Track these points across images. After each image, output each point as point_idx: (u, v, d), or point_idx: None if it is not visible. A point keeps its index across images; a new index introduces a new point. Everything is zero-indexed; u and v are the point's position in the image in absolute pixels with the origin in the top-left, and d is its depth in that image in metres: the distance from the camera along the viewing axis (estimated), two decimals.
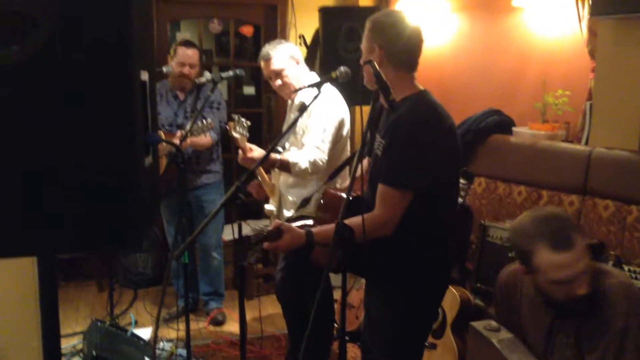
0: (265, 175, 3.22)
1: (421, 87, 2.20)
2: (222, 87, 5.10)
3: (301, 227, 2.15)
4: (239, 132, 2.81)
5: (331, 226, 1.93)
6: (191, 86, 3.92)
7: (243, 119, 2.85)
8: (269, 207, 3.20)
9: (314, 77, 3.19)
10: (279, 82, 3.07)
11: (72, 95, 1.19)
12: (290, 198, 3.12)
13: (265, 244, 2.09)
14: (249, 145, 2.86)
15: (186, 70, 3.89)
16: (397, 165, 2.06)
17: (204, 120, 3.58)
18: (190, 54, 3.91)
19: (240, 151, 2.86)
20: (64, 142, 1.20)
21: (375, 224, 2.04)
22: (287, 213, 3.10)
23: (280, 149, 2.99)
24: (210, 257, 4.19)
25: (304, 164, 2.85)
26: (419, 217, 2.09)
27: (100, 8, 1.18)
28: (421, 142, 2.04)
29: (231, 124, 2.84)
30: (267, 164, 2.89)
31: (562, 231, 1.83)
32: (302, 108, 2.38)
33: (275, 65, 3.05)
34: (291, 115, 3.18)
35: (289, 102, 3.24)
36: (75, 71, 1.19)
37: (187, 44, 3.97)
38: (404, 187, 2.04)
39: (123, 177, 1.23)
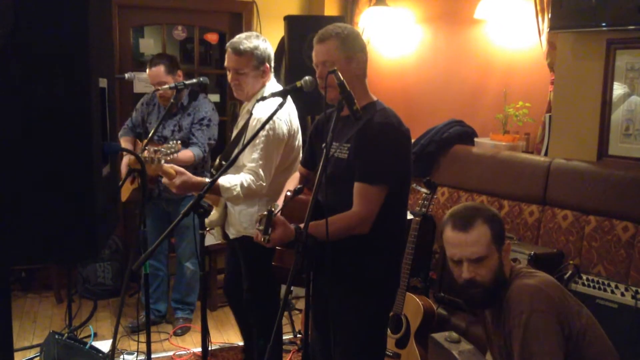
0: None
1: (374, 97, 2.35)
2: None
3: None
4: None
5: (319, 222, 1.99)
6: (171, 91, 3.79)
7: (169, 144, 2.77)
8: (212, 218, 3.06)
9: (276, 87, 3.10)
10: (235, 81, 2.92)
11: (26, 103, 1.15)
12: (235, 215, 2.95)
13: (255, 233, 2.12)
14: (175, 168, 2.69)
15: (160, 92, 3.77)
16: (373, 164, 2.18)
17: (175, 142, 3.50)
18: (152, 73, 3.80)
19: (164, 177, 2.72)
20: (16, 150, 1.16)
21: (354, 221, 2.16)
22: (232, 228, 2.98)
23: (223, 163, 2.89)
24: (183, 267, 4.14)
25: (236, 189, 2.67)
26: (383, 217, 2.20)
27: (57, 14, 1.15)
28: (392, 142, 2.20)
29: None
30: (197, 187, 2.68)
31: (466, 216, 1.97)
32: (262, 124, 2.30)
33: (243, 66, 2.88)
34: (241, 122, 3.09)
35: (244, 104, 3.16)
36: (30, 78, 1.15)
37: (150, 63, 3.84)
38: (382, 182, 2.17)
39: (78, 187, 1.19)
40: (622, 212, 2.90)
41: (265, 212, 2.01)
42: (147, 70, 3.86)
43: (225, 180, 2.66)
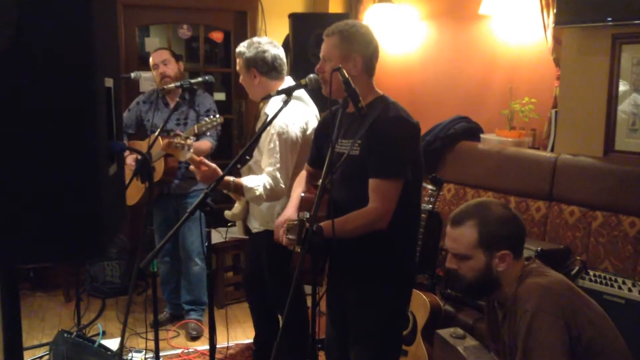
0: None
1: (380, 91, 2.35)
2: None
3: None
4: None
5: (337, 221, 2.03)
6: (177, 89, 3.82)
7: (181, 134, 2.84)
8: (235, 211, 3.15)
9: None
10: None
11: (32, 103, 1.16)
12: (261, 209, 2.99)
13: (284, 240, 2.16)
14: (199, 157, 2.80)
15: (161, 69, 3.90)
16: (386, 159, 2.18)
17: (181, 135, 3.53)
18: (157, 54, 3.97)
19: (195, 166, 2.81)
20: (23, 150, 1.17)
21: (373, 217, 2.16)
22: (254, 222, 3.04)
23: (246, 157, 2.96)
24: (192, 261, 4.06)
25: (259, 190, 2.75)
26: (397, 210, 2.19)
27: (61, 14, 1.16)
28: (402, 135, 2.20)
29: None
30: (220, 185, 2.72)
31: (461, 213, 2.03)
32: (266, 122, 2.39)
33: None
34: (259, 124, 3.15)
35: (260, 105, 3.22)
36: (36, 79, 1.16)
37: (156, 49, 4.05)
38: (396, 177, 2.18)
39: (84, 186, 1.20)
40: (629, 208, 2.89)
41: (296, 221, 2.04)
42: (151, 54, 4.00)
43: (248, 181, 2.76)
